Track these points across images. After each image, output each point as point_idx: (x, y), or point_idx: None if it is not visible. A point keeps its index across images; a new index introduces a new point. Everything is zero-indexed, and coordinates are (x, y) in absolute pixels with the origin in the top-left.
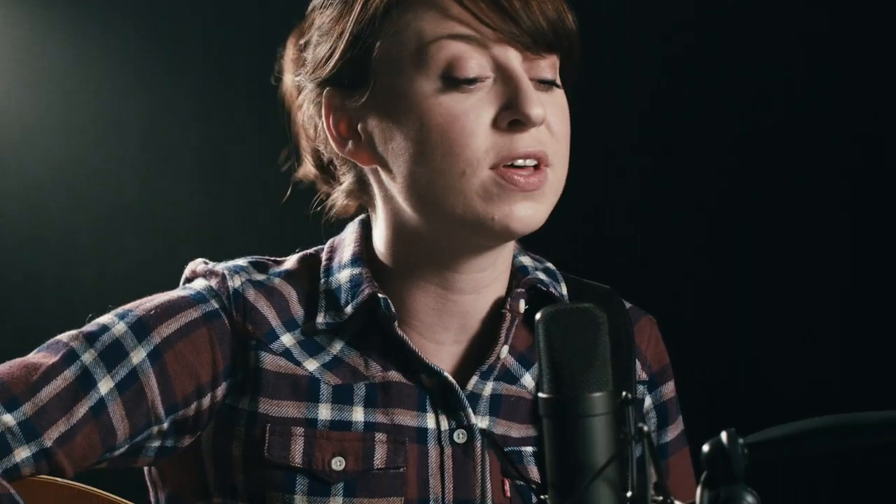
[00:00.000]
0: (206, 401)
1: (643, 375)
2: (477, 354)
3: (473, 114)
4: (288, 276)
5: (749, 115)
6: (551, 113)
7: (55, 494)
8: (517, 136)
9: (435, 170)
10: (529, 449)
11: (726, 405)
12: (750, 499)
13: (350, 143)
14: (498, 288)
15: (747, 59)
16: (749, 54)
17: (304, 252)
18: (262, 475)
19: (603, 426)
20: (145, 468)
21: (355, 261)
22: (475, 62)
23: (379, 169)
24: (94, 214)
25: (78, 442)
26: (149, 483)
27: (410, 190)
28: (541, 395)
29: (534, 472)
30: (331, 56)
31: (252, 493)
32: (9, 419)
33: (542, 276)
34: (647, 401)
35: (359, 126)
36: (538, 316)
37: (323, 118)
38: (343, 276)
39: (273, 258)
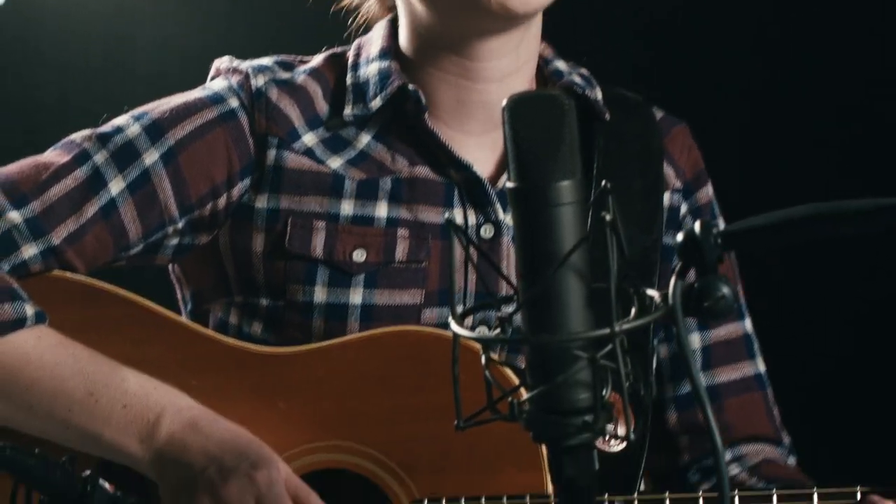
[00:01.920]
0: (222, 200)
1: (677, 183)
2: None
3: None
4: (314, 72)
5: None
6: None
7: (64, 289)
8: None
9: None
10: None
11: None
12: (725, 289)
13: None
14: (523, 80)
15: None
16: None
17: (331, 51)
18: (283, 267)
19: (571, 215)
20: (169, 266)
21: (384, 54)
22: None
23: None
24: None
25: (88, 241)
26: (174, 280)
27: None
28: (508, 184)
29: None
30: None
31: (272, 287)
32: (15, 216)
33: (576, 79)
34: (683, 208)
35: None
36: (503, 103)
37: None
38: (371, 69)
39: (300, 57)
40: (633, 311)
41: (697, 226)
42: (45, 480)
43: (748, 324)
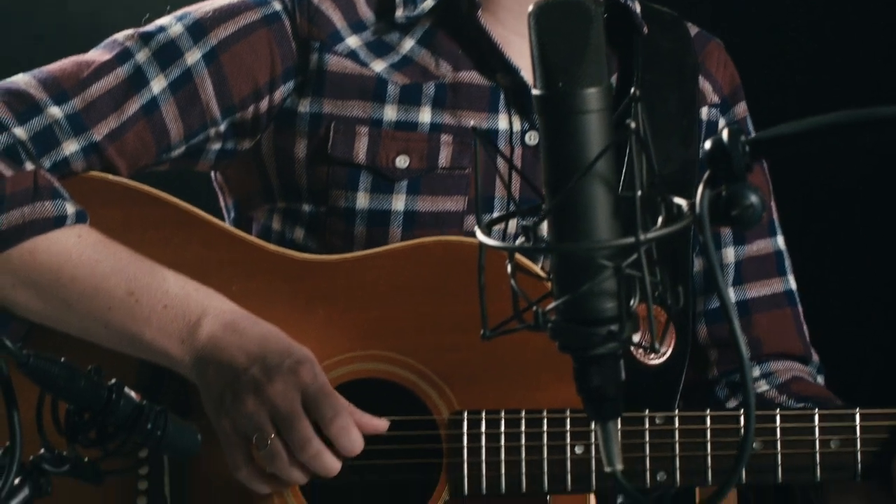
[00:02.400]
0: (265, 103)
1: (714, 98)
2: None
3: None
4: None
5: None
6: None
7: (106, 190)
8: None
9: None
10: None
11: None
12: (753, 198)
13: None
14: None
15: None
16: None
17: None
18: (325, 173)
19: (597, 123)
20: (212, 174)
21: None
22: None
23: None
24: None
25: (129, 139)
26: (217, 188)
27: None
28: (534, 91)
29: None
30: None
31: (315, 193)
32: (56, 111)
33: None
34: (721, 122)
35: None
36: (529, 9)
37: None
38: None
39: None
40: (660, 220)
41: (725, 133)
42: (69, 389)
43: (780, 240)
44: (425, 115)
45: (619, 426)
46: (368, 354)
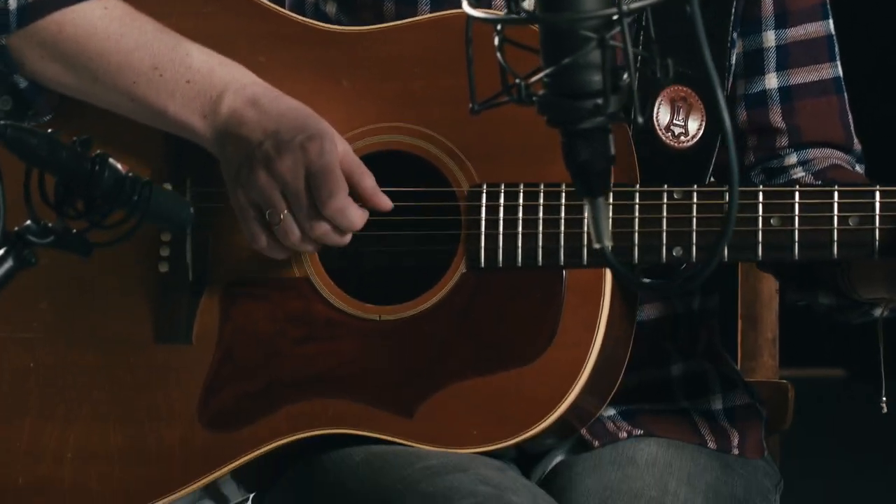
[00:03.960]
0: None
1: None
2: None
3: None
4: None
5: None
6: None
7: None
8: None
9: None
10: None
11: None
12: None
13: None
14: None
15: None
16: None
17: None
18: None
19: None
20: None
21: None
22: None
23: None
24: None
25: None
26: None
27: None
28: None
29: None
30: None
31: None
32: None
33: None
34: None
35: None
36: None
37: None
38: None
39: None
40: None
41: None
42: (51, 160)
43: (831, 24)
44: None
45: (612, 200)
46: (392, 126)
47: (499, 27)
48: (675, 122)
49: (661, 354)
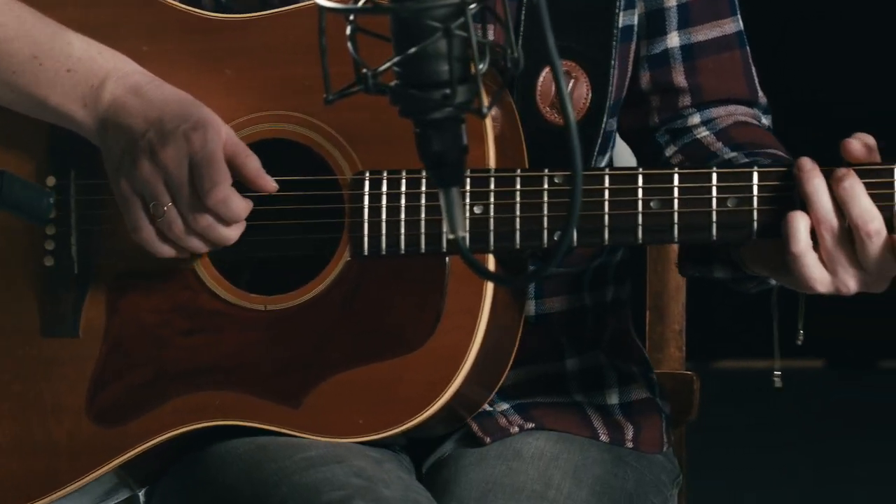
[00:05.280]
0: None
1: None
2: None
3: None
4: None
5: None
6: None
7: None
8: None
9: None
10: None
11: None
12: None
13: None
14: None
15: None
16: None
17: None
18: None
19: None
20: None
21: None
22: None
23: None
24: None
25: None
26: None
27: None
28: None
29: None
30: None
31: None
32: None
33: None
34: None
35: None
36: None
37: None
38: None
39: None
40: None
41: None
42: None
43: None
44: None
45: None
46: (276, 115)
47: (351, 17)
48: (557, 97)
49: (556, 348)
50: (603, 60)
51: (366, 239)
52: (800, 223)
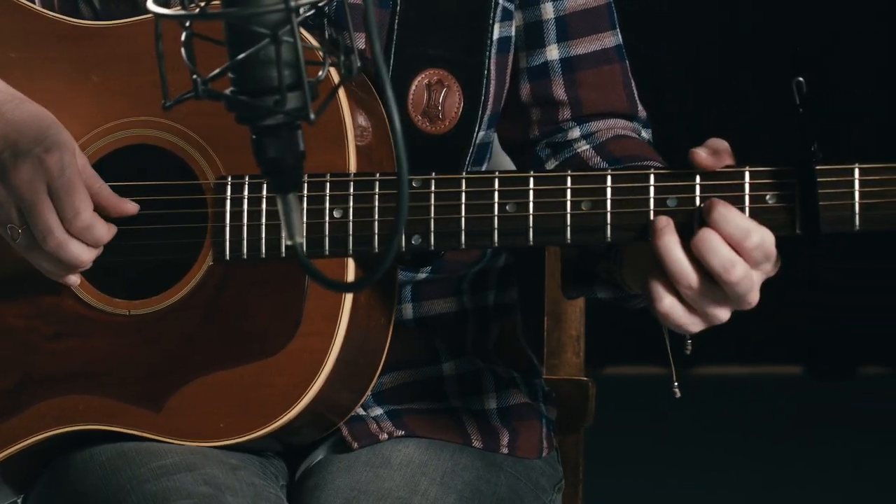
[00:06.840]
0: None
1: None
2: None
3: None
4: None
5: None
6: None
7: None
8: None
9: None
10: None
11: None
12: None
13: None
14: None
15: None
16: None
17: None
18: None
19: None
20: None
21: None
22: None
23: None
24: None
25: None
26: None
27: None
28: None
29: None
30: None
31: None
32: None
33: None
34: None
35: None
36: None
37: None
38: None
39: None
40: None
41: None
42: None
43: None
44: None
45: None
46: (141, 121)
47: (187, 24)
48: (430, 106)
49: (433, 352)
50: (476, 70)
51: (227, 243)
52: (657, 286)
